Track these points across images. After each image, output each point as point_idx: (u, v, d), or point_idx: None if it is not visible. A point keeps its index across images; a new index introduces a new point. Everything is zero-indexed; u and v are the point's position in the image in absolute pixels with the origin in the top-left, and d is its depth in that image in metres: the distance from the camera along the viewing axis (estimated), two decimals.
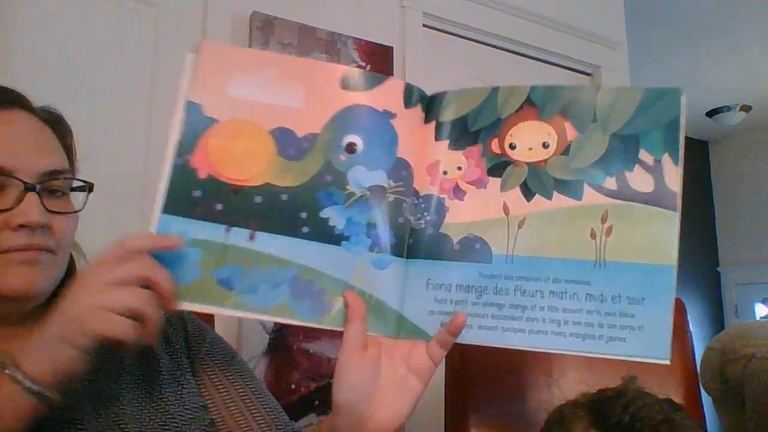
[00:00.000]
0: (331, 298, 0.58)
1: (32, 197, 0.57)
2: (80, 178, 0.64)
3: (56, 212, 0.59)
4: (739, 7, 2.63)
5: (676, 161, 0.58)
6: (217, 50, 0.60)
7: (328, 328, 0.58)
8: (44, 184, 0.59)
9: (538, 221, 0.59)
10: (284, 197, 0.58)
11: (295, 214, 0.58)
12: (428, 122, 0.62)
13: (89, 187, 0.64)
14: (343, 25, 1.63)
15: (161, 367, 0.66)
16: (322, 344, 1.47)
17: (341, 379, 0.56)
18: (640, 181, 0.58)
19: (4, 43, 1.22)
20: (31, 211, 0.56)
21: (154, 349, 0.67)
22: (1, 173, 0.56)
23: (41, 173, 0.59)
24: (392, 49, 1.69)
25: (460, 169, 0.61)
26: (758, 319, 3.89)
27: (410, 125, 0.61)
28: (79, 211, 0.63)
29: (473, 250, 0.59)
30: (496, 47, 1.98)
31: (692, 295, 4.06)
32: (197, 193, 0.57)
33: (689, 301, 3.18)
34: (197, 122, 0.58)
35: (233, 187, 0.57)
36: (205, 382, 0.69)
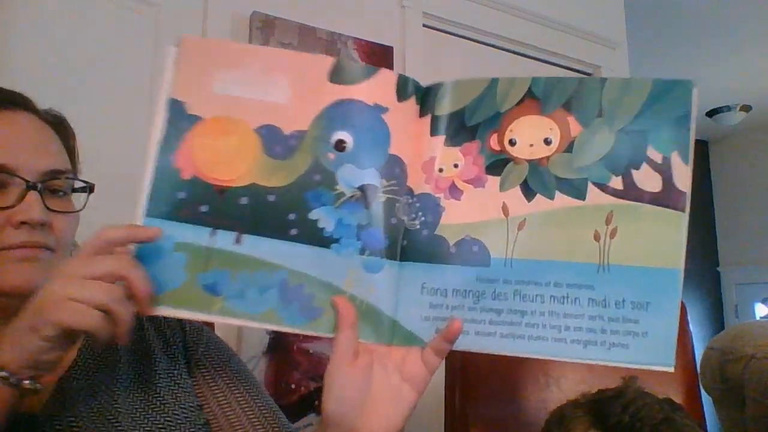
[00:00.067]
0: (320, 303, 0.55)
1: (34, 195, 0.58)
2: (82, 178, 0.65)
3: (57, 211, 0.60)
4: (739, 7, 2.63)
5: (685, 159, 0.54)
6: (199, 45, 0.58)
7: (317, 334, 0.56)
8: (46, 183, 0.59)
9: (539, 222, 0.56)
10: (271, 198, 0.55)
11: (282, 215, 0.55)
12: (423, 116, 0.58)
13: (90, 187, 0.64)
14: (343, 25, 1.63)
15: (158, 366, 0.66)
16: (322, 344, 1.47)
17: (330, 389, 0.54)
18: (647, 180, 0.55)
19: (4, 43, 1.22)
20: (32, 209, 0.57)
21: (151, 348, 0.67)
22: (4, 171, 0.57)
23: (43, 172, 0.59)
24: (392, 49, 1.69)
25: (456, 166, 0.58)
26: (758, 319, 3.89)
27: (404, 120, 0.58)
28: (79, 210, 0.63)
29: (470, 252, 0.56)
30: (496, 47, 1.98)
31: (692, 295, 4.06)
32: (181, 194, 0.55)
33: (689, 301, 3.17)
34: (180, 121, 0.55)
35: (218, 188, 0.55)
36: (200, 382, 0.68)
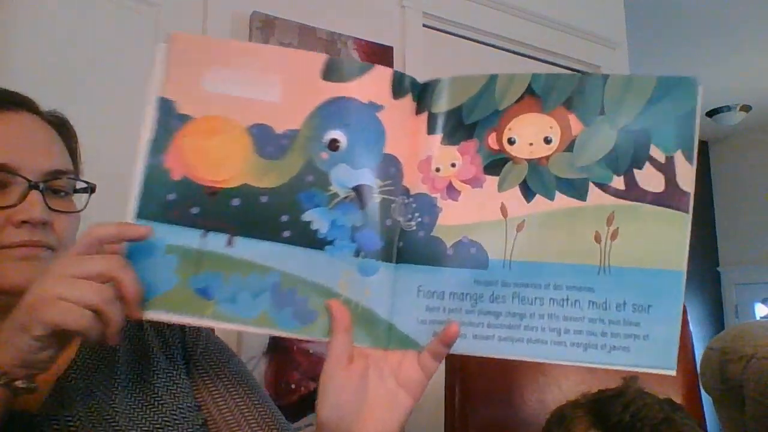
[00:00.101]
0: (314, 306, 0.54)
1: (36, 195, 0.58)
2: (83, 179, 0.65)
3: (58, 211, 0.60)
4: (739, 7, 2.63)
5: (689, 159, 0.53)
6: (189, 42, 0.56)
7: (312, 339, 0.55)
8: (48, 183, 0.60)
9: (538, 224, 0.54)
10: (263, 199, 0.54)
11: (275, 217, 0.54)
12: (420, 113, 0.57)
13: (91, 188, 0.65)
14: (343, 25, 1.63)
15: (156, 366, 0.66)
16: (322, 344, 1.47)
17: (325, 395, 0.54)
18: (650, 180, 0.54)
19: (4, 43, 1.22)
20: (33, 208, 0.57)
21: (150, 348, 0.67)
22: (6, 171, 0.57)
23: (45, 172, 0.60)
24: (392, 49, 1.69)
25: (453, 166, 0.56)
26: (758, 319, 3.89)
27: (400, 117, 0.56)
28: (80, 210, 0.64)
29: (468, 254, 0.55)
30: (496, 47, 1.98)
31: (692, 295, 4.06)
32: (171, 195, 0.53)
33: (689, 301, 3.17)
34: (170, 120, 0.54)
35: (209, 189, 0.54)
36: (198, 383, 0.68)
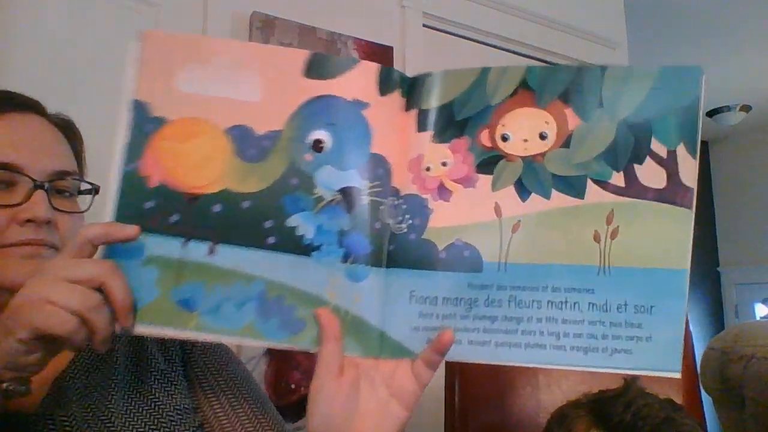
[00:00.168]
0: (302, 315, 0.52)
1: (40, 194, 0.59)
2: (88, 180, 0.66)
3: (63, 211, 0.61)
4: (739, 7, 2.63)
5: (692, 152, 0.51)
6: (162, 40, 0.53)
7: (300, 349, 0.53)
8: (53, 183, 0.61)
9: (534, 224, 0.52)
10: (246, 205, 0.52)
11: (258, 223, 0.52)
12: (409, 110, 0.54)
13: (96, 189, 0.65)
14: (343, 25, 1.62)
15: (154, 367, 0.66)
16: None
17: (315, 406, 0.52)
18: (651, 175, 0.51)
19: (4, 43, 1.22)
20: (38, 207, 0.58)
21: (148, 349, 0.67)
22: (12, 170, 0.58)
23: (50, 173, 0.60)
24: (392, 49, 1.69)
25: (445, 164, 0.54)
26: (758, 319, 3.89)
27: (387, 115, 0.54)
28: (84, 211, 0.64)
29: (461, 257, 0.52)
30: (496, 47, 1.98)
31: (692, 295, 4.04)
32: (149, 203, 0.51)
33: (689, 301, 3.17)
34: (145, 123, 0.51)
35: (188, 195, 0.51)
36: (195, 385, 0.68)
